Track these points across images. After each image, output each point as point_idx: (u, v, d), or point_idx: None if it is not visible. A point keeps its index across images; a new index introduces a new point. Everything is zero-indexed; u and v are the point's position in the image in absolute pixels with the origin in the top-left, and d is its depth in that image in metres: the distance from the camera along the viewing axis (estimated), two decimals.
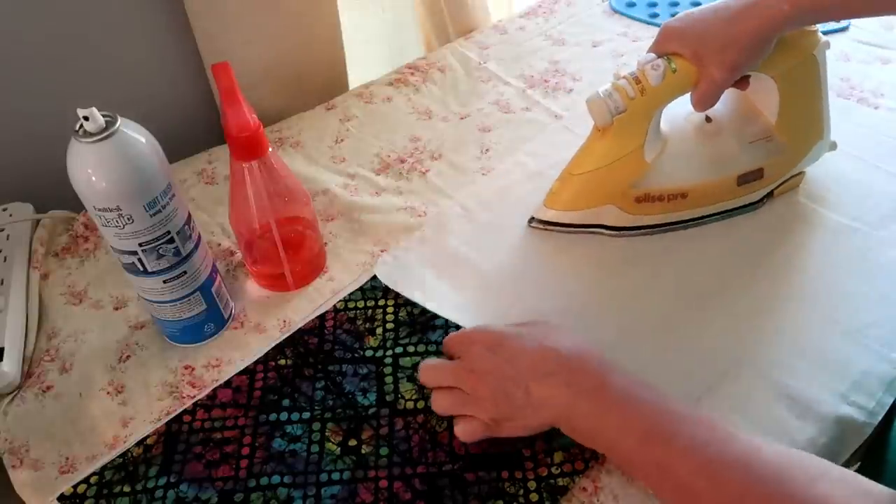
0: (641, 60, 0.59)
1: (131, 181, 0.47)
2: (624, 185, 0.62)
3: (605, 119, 0.59)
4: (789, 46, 0.60)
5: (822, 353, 0.56)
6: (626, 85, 0.59)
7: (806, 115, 0.65)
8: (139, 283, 0.54)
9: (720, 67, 0.56)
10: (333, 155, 0.78)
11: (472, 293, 0.62)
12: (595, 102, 0.59)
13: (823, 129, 0.66)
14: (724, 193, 0.65)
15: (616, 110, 0.58)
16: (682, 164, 0.63)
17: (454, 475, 0.50)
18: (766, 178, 0.65)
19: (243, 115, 0.52)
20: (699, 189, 0.63)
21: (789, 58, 0.61)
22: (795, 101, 0.64)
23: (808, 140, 0.66)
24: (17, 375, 0.57)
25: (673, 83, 0.58)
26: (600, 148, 0.62)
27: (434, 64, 0.90)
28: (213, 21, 0.76)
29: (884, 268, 0.62)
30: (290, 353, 0.58)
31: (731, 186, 0.64)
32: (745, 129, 0.65)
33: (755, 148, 0.65)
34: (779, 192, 0.67)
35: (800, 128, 0.65)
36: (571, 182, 0.63)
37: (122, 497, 0.50)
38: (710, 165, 0.64)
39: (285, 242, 0.60)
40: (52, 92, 0.71)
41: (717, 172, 0.64)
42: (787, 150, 0.65)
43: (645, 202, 0.63)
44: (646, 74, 0.58)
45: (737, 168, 0.64)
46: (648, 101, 0.59)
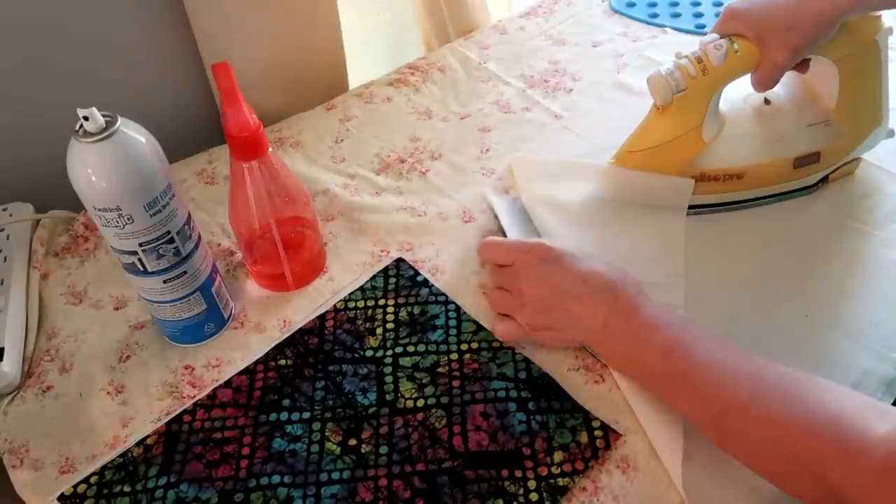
0: (704, 40, 0.60)
1: (131, 181, 0.47)
2: (681, 163, 0.63)
3: (666, 97, 0.60)
4: (851, 31, 0.60)
5: (822, 353, 0.56)
6: (687, 64, 0.59)
7: (865, 100, 0.65)
8: (139, 283, 0.54)
9: (782, 49, 0.57)
10: (333, 155, 0.78)
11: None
12: (656, 80, 0.60)
13: (882, 116, 0.66)
14: (780, 175, 0.65)
15: (677, 88, 0.59)
16: (740, 145, 0.64)
17: (454, 474, 0.50)
18: (822, 163, 0.65)
19: (243, 115, 0.52)
20: (755, 170, 0.64)
21: (850, 42, 0.61)
22: (855, 85, 0.64)
23: (867, 126, 0.66)
24: (17, 375, 0.57)
25: (735, 63, 0.59)
26: (659, 126, 0.62)
27: (434, 64, 0.90)
28: (213, 21, 0.76)
29: (884, 268, 0.62)
30: (290, 353, 0.58)
31: (787, 169, 0.64)
32: (804, 112, 0.66)
33: (813, 131, 0.65)
34: (833, 178, 0.68)
35: (858, 113, 0.65)
36: (629, 158, 0.64)
37: (122, 497, 0.50)
38: (768, 147, 0.64)
39: (285, 242, 0.60)
40: (52, 92, 0.71)
41: (773, 154, 0.64)
42: (845, 135, 0.65)
43: (701, 181, 0.63)
44: (708, 54, 0.59)
45: (794, 150, 0.64)
46: (710, 81, 0.59)
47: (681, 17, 0.95)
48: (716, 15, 0.94)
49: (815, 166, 0.65)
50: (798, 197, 0.67)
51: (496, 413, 0.53)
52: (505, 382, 0.55)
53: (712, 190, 0.64)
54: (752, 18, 0.58)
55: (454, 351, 0.57)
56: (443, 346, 0.57)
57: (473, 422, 0.52)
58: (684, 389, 0.48)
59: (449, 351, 0.57)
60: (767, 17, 0.57)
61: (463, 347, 0.57)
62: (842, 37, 0.59)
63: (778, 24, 0.57)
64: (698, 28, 0.93)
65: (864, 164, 0.69)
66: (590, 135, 0.77)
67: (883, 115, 0.66)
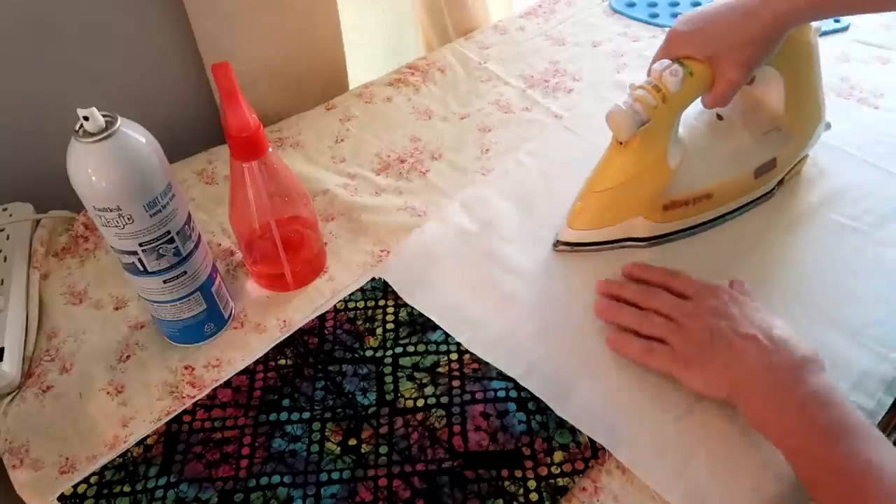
0: (657, 68, 0.58)
1: (131, 181, 0.47)
2: (651, 195, 0.61)
3: (630, 132, 0.57)
4: (788, 37, 0.59)
5: (822, 353, 0.56)
6: (646, 95, 0.57)
7: (808, 100, 0.66)
8: (139, 283, 0.54)
9: (736, 66, 0.56)
10: (333, 155, 0.78)
11: (490, 311, 0.60)
12: (619, 115, 0.57)
13: (822, 111, 0.68)
14: (743, 188, 0.65)
15: (640, 122, 0.57)
16: (704, 166, 0.63)
17: (454, 473, 0.50)
18: (778, 167, 0.66)
19: (243, 115, 0.52)
20: (722, 187, 0.64)
21: (790, 47, 0.60)
22: (798, 88, 0.65)
23: (812, 124, 0.67)
24: (17, 375, 0.57)
25: (691, 87, 0.58)
26: (623, 161, 0.60)
27: (434, 64, 0.90)
28: (213, 21, 0.76)
29: (884, 268, 0.62)
30: (290, 353, 0.58)
31: (749, 180, 0.65)
32: (756, 121, 0.66)
33: (767, 139, 0.65)
34: (787, 179, 0.68)
35: (805, 113, 0.67)
36: (595, 199, 0.62)
37: (122, 497, 0.50)
38: (729, 162, 0.64)
39: (285, 242, 0.60)
40: (52, 92, 0.71)
41: (736, 168, 0.64)
42: (796, 137, 0.66)
43: (672, 208, 0.62)
44: (665, 81, 0.57)
45: (753, 161, 0.65)
46: (670, 108, 0.58)
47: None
48: None
49: (773, 172, 0.66)
50: (760, 205, 0.67)
51: (496, 413, 0.53)
52: (505, 382, 0.55)
53: (683, 215, 0.63)
54: (701, 39, 0.57)
55: (454, 351, 0.57)
56: (443, 346, 0.57)
57: (473, 422, 0.52)
58: (824, 476, 0.45)
59: (449, 351, 0.57)
60: (716, 37, 0.57)
61: (463, 347, 0.57)
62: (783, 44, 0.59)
63: (728, 43, 0.56)
64: None
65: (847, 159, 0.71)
66: (590, 135, 0.77)
67: (822, 110, 0.68)
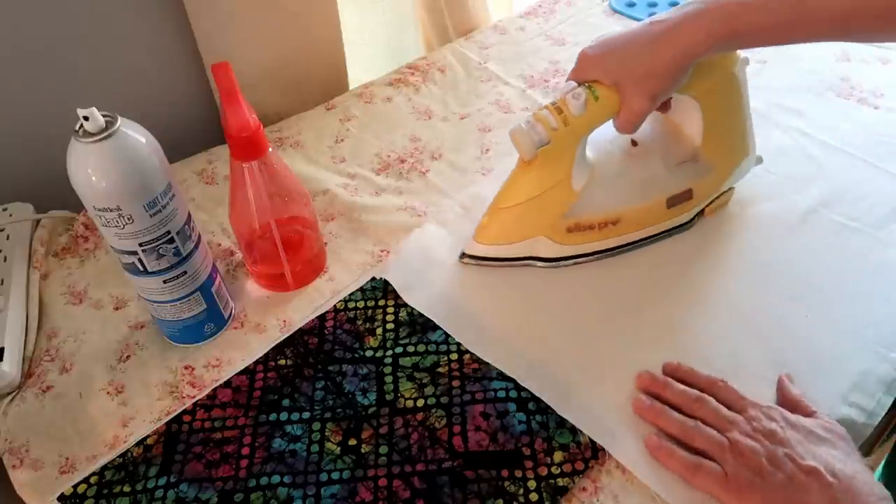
0: (562, 88, 0.57)
1: (131, 181, 0.47)
2: (554, 215, 0.60)
3: (530, 151, 0.57)
4: (709, 67, 0.58)
5: (822, 353, 0.56)
6: (548, 115, 0.57)
7: (730, 133, 0.64)
8: (139, 283, 0.54)
9: (640, 96, 0.55)
10: (333, 155, 0.78)
11: (490, 311, 0.61)
12: (518, 134, 0.57)
13: (749, 146, 0.65)
14: (654, 217, 0.64)
15: (540, 142, 0.56)
16: (612, 191, 0.62)
17: (454, 473, 0.50)
18: (695, 199, 0.64)
19: (243, 115, 0.52)
20: (630, 214, 0.62)
21: (710, 78, 0.59)
22: (719, 120, 0.63)
23: (734, 157, 0.65)
24: (17, 375, 0.57)
25: (596, 111, 0.56)
26: (527, 180, 0.60)
27: (434, 64, 0.90)
28: (213, 21, 0.76)
29: (884, 268, 0.62)
30: (290, 353, 0.58)
31: (661, 209, 0.63)
32: (672, 151, 0.64)
33: (682, 169, 0.63)
34: (710, 211, 0.66)
35: (725, 146, 0.64)
36: (500, 215, 0.61)
37: (122, 497, 0.50)
38: (640, 190, 0.63)
39: (285, 242, 0.60)
40: (52, 92, 0.71)
41: (646, 196, 0.63)
42: (715, 170, 0.64)
43: (576, 231, 0.61)
44: (567, 104, 0.56)
45: (666, 191, 0.63)
46: (572, 131, 0.57)
47: None
48: None
49: (689, 203, 0.64)
50: (676, 235, 0.65)
51: (496, 413, 0.53)
52: (505, 382, 0.55)
53: (588, 239, 0.62)
54: (608, 65, 0.56)
55: (454, 351, 0.57)
56: (443, 346, 0.57)
57: (473, 422, 0.52)
58: None
59: (449, 351, 0.57)
60: (622, 64, 0.55)
61: (463, 347, 0.57)
62: (700, 73, 0.57)
63: (633, 72, 0.55)
64: None
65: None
66: None
67: (749, 144, 0.65)
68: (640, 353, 0.56)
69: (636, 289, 0.62)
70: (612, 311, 0.60)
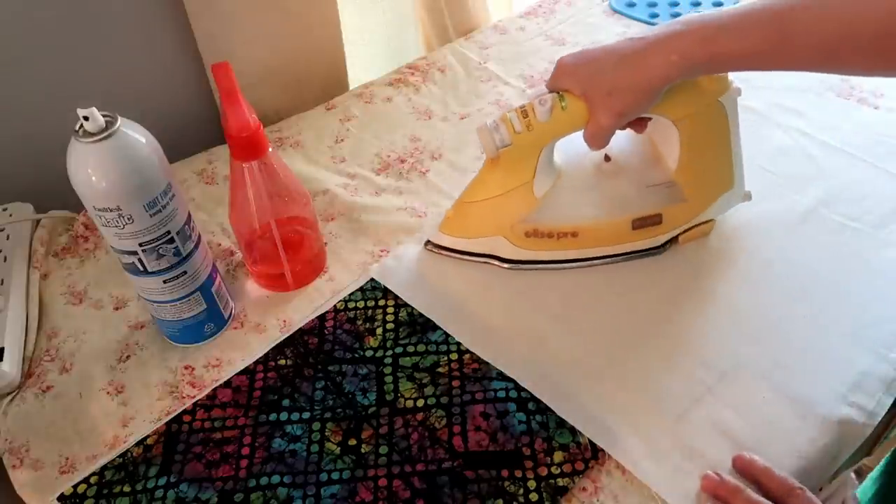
0: (533, 93, 0.57)
1: (131, 181, 0.47)
2: (513, 218, 0.60)
3: (491, 150, 0.57)
4: (692, 91, 0.56)
5: (822, 353, 0.56)
6: (514, 118, 0.56)
7: (710, 163, 0.61)
8: (139, 283, 0.54)
9: (606, 112, 0.54)
10: (333, 155, 0.78)
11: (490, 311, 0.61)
12: (481, 132, 0.56)
13: (733, 180, 0.62)
14: (618, 236, 0.61)
15: (501, 143, 0.56)
16: (574, 203, 0.61)
17: (454, 473, 0.50)
18: (665, 224, 0.61)
19: (243, 115, 0.52)
20: (590, 229, 0.61)
21: (691, 103, 0.57)
22: (698, 148, 0.60)
23: (713, 189, 0.62)
24: (17, 375, 0.57)
25: (563, 120, 0.55)
26: (491, 179, 0.60)
27: (434, 64, 0.90)
28: (213, 21, 0.76)
29: (884, 268, 0.62)
30: (290, 353, 0.58)
31: (625, 229, 0.61)
32: (645, 172, 0.62)
33: (653, 192, 0.61)
34: (685, 239, 0.63)
35: (703, 176, 0.61)
36: (463, 209, 0.62)
37: (122, 497, 0.50)
38: (604, 206, 0.61)
39: (285, 242, 0.60)
40: (52, 92, 0.71)
41: (610, 214, 0.61)
42: (690, 198, 0.61)
43: (534, 237, 0.60)
44: (534, 109, 0.55)
45: (631, 211, 0.61)
46: (535, 137, 0.56)
47: (680, 17, 0.95)
48: None
49: (657, 228, 0.61)
50: (645, 258, 0.63)
51: (496, 413, 0.53)
52: (505, 382, 0.55)
53: (547, 246, 0.61)
54: (579, 76, 0.54)
55: (454, 351, 0.57)
56: (443, 346, 0.57)
57: (473, 422, 0.52)
58: None
59: (449, 351, 0.57)
60: (592, 77, 0.54)
61: (463, 347, 0.57)
62: (681, 96, 0.55)
63: (602, 86, 0.53)
64: None
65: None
66: None
67: (734, 178, 0.62)
68: (641, 353, 0.57)
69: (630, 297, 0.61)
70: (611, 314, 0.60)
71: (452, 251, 0.64)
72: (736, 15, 0.50)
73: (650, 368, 0.55)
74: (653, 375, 0.55)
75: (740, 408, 0.53)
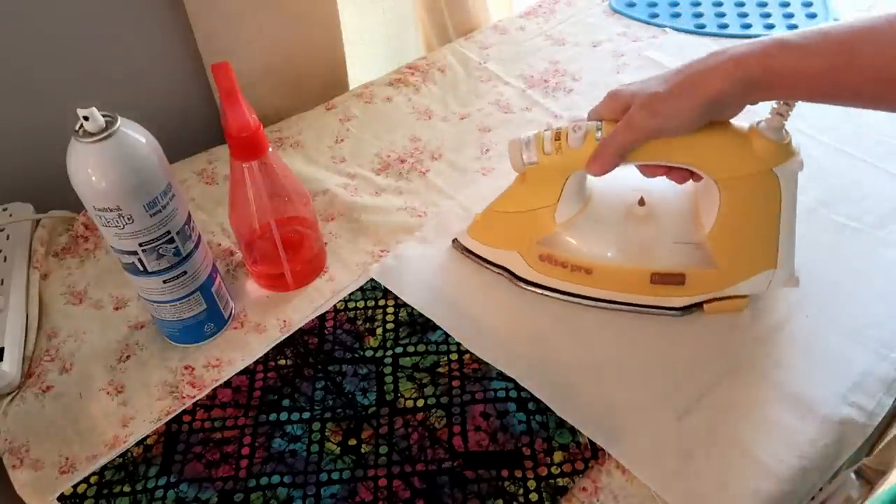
0: (573, 118, 0.55)
1: (131, 181, 0.47)
2: (530, 238, 0.59)
3: (517, 165, 0.56)
4: (743, 152, 0.51)
5: (823, 353, 0.56)
6: (546, 138, 0.54)
7: (749, 235, 0.55)
8: (139, 283, 0.54)
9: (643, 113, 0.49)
10: (333, 155, 0.78)
11: (490, 311, 0.61)
12: (511, 145, 0.56)
13: (776, 259, 0.55)
14: (635, 286, 0.58)
15: (528, 160, 0.55)
16: (594, 239, 0.58)
17: (454, 473, 0.50)
18: (688, 287, 0.57)
19: (243, 115, 0.52)
20: (605, 270, 0.58)
21: (739, 166, 0.52)
22: (738, 216, 0.54)
23: (749, 264, 0.56)
24: (17, 375, 0.57)
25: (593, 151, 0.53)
26: (518, 193, 0.59)
27: (434, 64, 0.90)
28: (213, 21, 0.76)
29: (884, 268, 0.62)
30: (290, 353, 0.58)
31: (643, 281, 0.57)
32: (677, 226, 0.58)
33: (679, 249, 0.57)
34: (711, 310, 0.58)
35: (738, 247, 0.56)
36: (490, 217, 0.61)
37: (122, 497, 0.50)
38: (624, 250, 0.58)
39: (285, 242, 0.60)
40: (52, 92, 0.71)
41: (629, 260, 0.57)
42: (719, 267, 0.56)
43: (548, 262, 0.59)
44: (566, 134, 0.54)
45: (652, 263, 0.57)
46: (564, 162, 0.54)
47: (680, 17, 0.95)
48: (716, 15, 0.95)
49: (680, 289, 0.57)
50: (663, 316, 0.58)
51: (496, 413, 0.53)
52: (505, 382, 0.55)
53: (558, 275, 0.59)
54: (630, 91, 0.51)
55: (454, 351, 0.57)
56: (443, 346, 0.57)
57: (473, 422, 0.52)
58: None
59: (449, 351, 0.57)
60: (642, 86, 0.50)
61: (463, 347, 0.57)
62: (730, 155, 0.51)
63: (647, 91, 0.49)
64: (698, 28, 0.93)
65: None
66: None
67: (778, 258, 0.55)
68: (641, 353, 0.56)
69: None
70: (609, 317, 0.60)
71: (474, 255, 0.64)
72: (804, 33, 0.47)
73: (650, 368, 0.55)
74: (653, 375, 0.55)
75: (740, 408, 0.53)
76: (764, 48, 0.46)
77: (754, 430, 0.51)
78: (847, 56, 0.45)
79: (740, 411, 0.53)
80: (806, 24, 0.92)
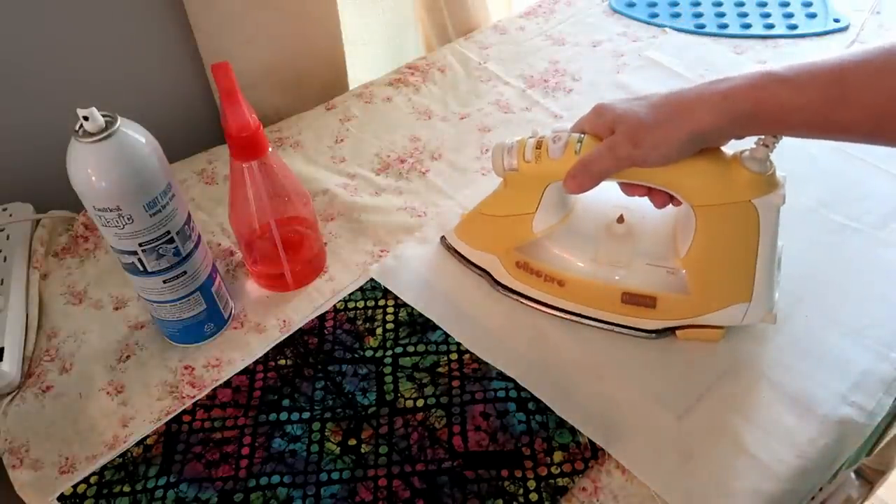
0: (555, 128, 0.55)
1: (131, 181, 0.47)
2: (508, 244, 0.59)
3: (498, 170, 0.56)
4: (723, 180, 0.50)
5: (823, 353, 0.56)
6: (529, 145, 0.54)
7: (723, 265, 0.54)
8: (139, 283, 0.54)
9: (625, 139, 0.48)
10: (333, 155, 0.78)
11: (490, 311, 0.61)
12: (495, 150, 0.55)
13: (751, 293, 0.53)
14: (606, 303, 0.57)
15: (508, 166, 0.55)
16: (569, 251, 0.58)
17: (454, 473, 0.50)
18: (659, 310, 0.56)
19: (243, 115, 0.52)
20: (577, 284, 0.57)
21: (717, 194, 0.50)
22: (713, 244, 0.53)
23: (722, 295, 0.54)
24: (17, 375, 0.57)
25: (572, 162, 0.52)
26: (501, 197, 0.59)
27: (434, 64, 0.90)
28: (213, 21, 0.76)
29: (884, 268, 0.62)
30: (290, 353, 0.58)
31: (614, 299, 0.57)
32: (653, 248, 0.57)
33: (652, 272, 0.56)
34: (684, 336, 0.57)
35: (712, 275, 0.55)
36: (474, 218, 0.62)
37: (121, 497, 0.50)
38: (597, 266, 0.57)
39: (285, 242, 0.60)
40: (52, 92, 0.71)
41: (598, 276, 0.57)
42: (690, 294, 0.55)
43: (524, 270, 0.59)
44: (547, 143, 0.53)
45: (623, 283, 0.56)
46: (542, 171, 0.54)
47: (680, 16, 0.95)
48: (716, 15, 0.95)
49: (650, 311, 0.56)
50: (634, 337, 0.57)
51: (496, 413, 0.53)
52: (505, 382, 0.55)
53: (532, 284, 0.59)
54: (615, 111, 0.50)
55: (454, 351, 0.57)
56: (443, 346, 0.57)
57: (473, 422, 0.52)
58: None
59: (449, 351, 0.57)
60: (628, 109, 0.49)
61: (463, 347, 0.57)
62: (708, 182, 0.50)
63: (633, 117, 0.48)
64: (698, 28, 0.93)
65: None
66: None
67: (754, 292, 0.53)
68: (640, 353, 0.56)
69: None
70: None
71: (458, 254, 0.64)
72: (793, 67, 0.45)
73: (650, 368, 0.55)
74: (653, 375, 0.55)
75: (740, 408, 0.53)
76: (754, 81, 0.45)
77: (754, 430, 0.51)
78: (840, 89, 0.44)
79: (740, 411, 0.53)
80: (806, 23, 0.92)
